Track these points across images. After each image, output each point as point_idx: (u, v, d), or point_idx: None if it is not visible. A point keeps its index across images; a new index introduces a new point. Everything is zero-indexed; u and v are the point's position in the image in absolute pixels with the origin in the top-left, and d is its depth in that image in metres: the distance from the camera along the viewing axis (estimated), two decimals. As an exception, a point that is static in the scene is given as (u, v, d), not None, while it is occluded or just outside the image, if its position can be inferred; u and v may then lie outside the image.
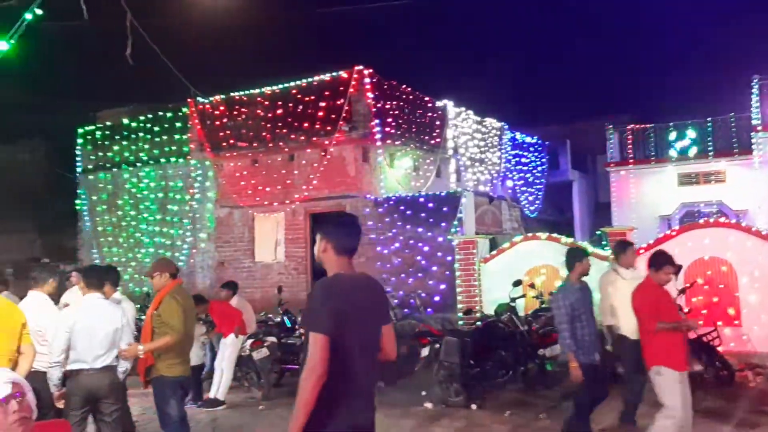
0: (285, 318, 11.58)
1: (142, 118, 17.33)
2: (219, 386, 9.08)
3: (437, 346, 8.77)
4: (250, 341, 9.51)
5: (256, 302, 12.64)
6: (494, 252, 11.99)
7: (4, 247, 23.26)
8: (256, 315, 10.56)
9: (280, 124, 14.95)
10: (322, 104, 14.36)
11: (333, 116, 14.16)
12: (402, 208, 13.61)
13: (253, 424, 8.15)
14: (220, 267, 15.40)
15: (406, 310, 12.56)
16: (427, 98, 16.41)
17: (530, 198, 20.49)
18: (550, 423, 7.33)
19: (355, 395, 3.17)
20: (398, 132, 15.10)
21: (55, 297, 6.66)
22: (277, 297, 12.43)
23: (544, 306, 9.80)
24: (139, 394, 7.66)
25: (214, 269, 15.45)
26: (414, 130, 15.81)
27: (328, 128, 14.19)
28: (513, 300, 9.82)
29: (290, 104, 14.86)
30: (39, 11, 5.96)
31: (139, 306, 10.48)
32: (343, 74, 14.29)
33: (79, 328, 5.34)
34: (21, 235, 23.89)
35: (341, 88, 14.25)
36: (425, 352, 9.03)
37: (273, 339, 10.00)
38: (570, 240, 11.73)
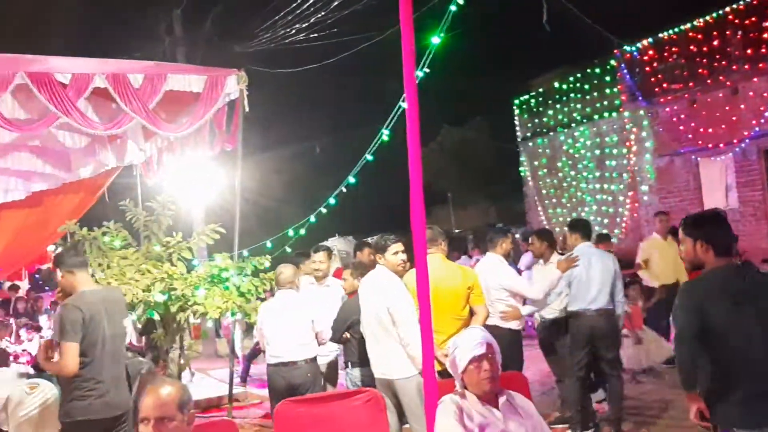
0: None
1: (571, 78, 17.55)
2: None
3: None
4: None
5: (709, 253, 11.72)
6: None
7: (465, 217, 26.36)
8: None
9: (718, 57, 13.47)
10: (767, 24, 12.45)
11: (784, 34, 12.19)
12: None
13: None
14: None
15: None
16: None
17: None
18: None
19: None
20: None
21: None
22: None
23: None
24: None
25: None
26: None
27: (779, 49, 12.27)
28: None
29: (728, 32, 13.24)
30: (460, 1, 6.53)
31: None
32: (793, -18, 12.17)
33: (576, 273, 5.91)
34: (477, 205, 26.76)
35: (792, -1, 12.16)
36: None
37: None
38: None
